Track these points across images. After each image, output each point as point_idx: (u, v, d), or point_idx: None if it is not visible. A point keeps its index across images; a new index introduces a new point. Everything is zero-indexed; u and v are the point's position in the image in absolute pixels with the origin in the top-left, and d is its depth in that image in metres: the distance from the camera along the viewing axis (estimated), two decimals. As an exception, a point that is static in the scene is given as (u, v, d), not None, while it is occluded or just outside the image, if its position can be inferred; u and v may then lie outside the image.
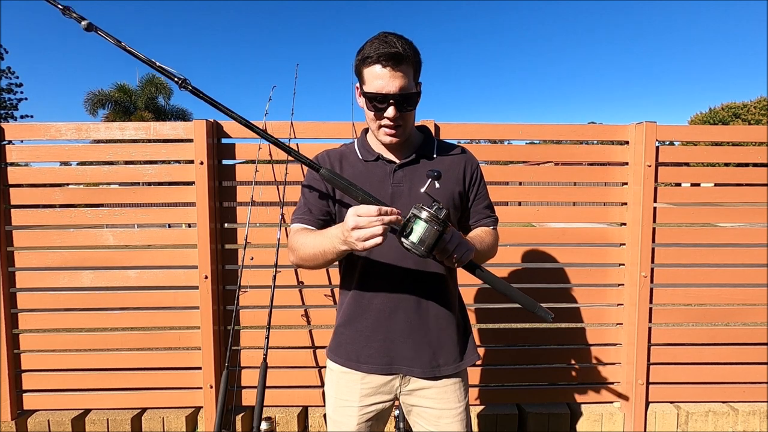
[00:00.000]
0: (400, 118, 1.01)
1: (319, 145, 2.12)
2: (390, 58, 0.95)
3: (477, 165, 1.19)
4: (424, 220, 0.86)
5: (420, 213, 0.87)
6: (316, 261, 1.00)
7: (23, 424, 2.14)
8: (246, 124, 0.97)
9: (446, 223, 0.88)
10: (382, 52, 0.95)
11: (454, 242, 0.93)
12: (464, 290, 1.38)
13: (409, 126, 1.07)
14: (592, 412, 2.21)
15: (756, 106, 34.76)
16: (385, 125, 1.02)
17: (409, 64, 0.98)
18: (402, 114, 1.01)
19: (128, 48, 0.87)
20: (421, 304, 1.08)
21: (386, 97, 0.97)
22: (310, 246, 0.99)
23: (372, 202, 0.92)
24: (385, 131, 1.03)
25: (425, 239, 0.87)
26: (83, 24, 0.84)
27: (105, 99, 22.21)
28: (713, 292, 2.21)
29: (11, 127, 2.09)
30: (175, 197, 2.13)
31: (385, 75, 0.96)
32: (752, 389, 2.25)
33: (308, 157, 1.00)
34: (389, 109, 0.99)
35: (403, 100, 0.99)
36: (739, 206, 2.19)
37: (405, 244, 0.88)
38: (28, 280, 2.17)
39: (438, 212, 0.86)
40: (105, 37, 0.85)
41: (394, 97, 0.97)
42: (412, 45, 1.00)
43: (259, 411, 1.66)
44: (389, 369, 1.09)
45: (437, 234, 0.87)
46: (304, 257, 1.02)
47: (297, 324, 2.16)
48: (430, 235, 0.86)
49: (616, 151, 2.16)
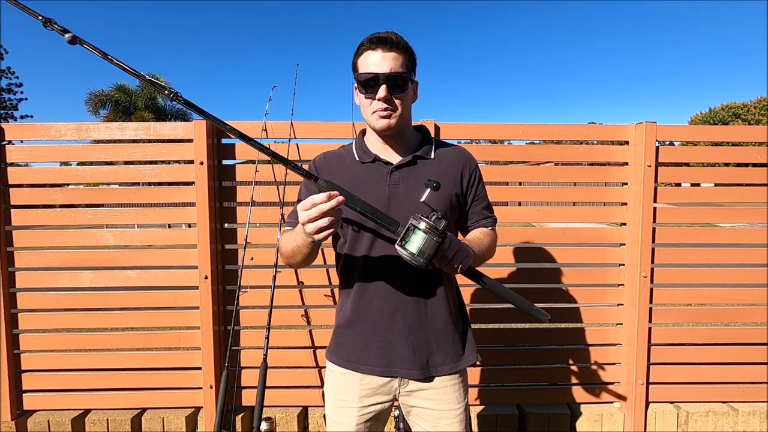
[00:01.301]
0: (392, 101, 1.02)
1: (319, 146, 2.12)
2: (381, 42, 1.00)
3: (476, 166, 1.18)
4: (423, 231, 0.86)
5: (419, 224, 0.87)
6: (296, 257, 1.02)
7: (23, 424, 2.14)
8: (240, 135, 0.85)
9: (445, 234, 0.87)
10: (373, 37, 1.01)
11: (452, 249, 0.93)
12: (464, 290, 1.38)
13: (403, 113, 1.05)
14: (592, 413, 2.21)
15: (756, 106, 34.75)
16: (377, 109, 1.03)
17: (400, 51, 1.02)
18: (394, 96, 1.02)
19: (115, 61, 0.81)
20: (419, 306, 1.08)
21: (377, 77, 1.00)
22: (289, 243, 1.02)
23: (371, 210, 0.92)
24: (378, 114, 1.03)
25: (424, 250, 0.86)
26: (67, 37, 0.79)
27: (105, 99, 22.20)
28: (713, 292, 2.21)
29: (11, 127, 2.09)
30: (175, 197, 2.13)
31: (377, 57, 1.00)
32: (752, 389, 2.25)
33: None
34: (380, 89, 1.00)
35: (394, 80, 1.00)
36: (739, 206, 2.19)
37: (404, 255, 0.88)
38: (28, 280, 2.17)
39: (437, 223, 0.86)
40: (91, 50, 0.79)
41: (384, 75, 0.99)
42: (406, 42, 1.04)
43: (259, 411, 1.66)
44: (388, 371, 1.09)
45: (436, 245, 0.87)
46: (286, 254, 1.05)
47: (297, 324, 2.16)
48: (430, 246, 0.86)
49: (616, 151, 2.16)
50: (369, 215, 0.92)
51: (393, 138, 1.10)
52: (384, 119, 1.03)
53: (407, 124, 1.11)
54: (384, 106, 1.02)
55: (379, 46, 1.00)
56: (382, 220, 0.92)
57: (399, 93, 1.02)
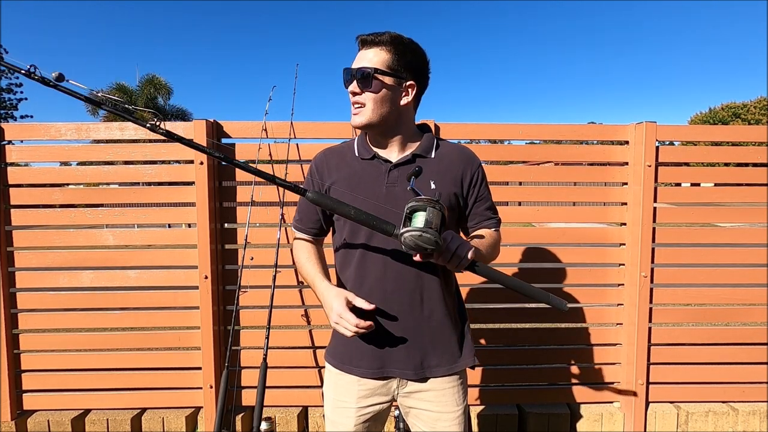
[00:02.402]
0: (362, 97, 1.03)
1: (319, 146, 2.12)
2: (363, 41, 1.04)
3: (478, 166, 1.16)
4: (422, 208, 0.84)
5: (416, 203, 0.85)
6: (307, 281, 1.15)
7: (23, 424, 2.14)
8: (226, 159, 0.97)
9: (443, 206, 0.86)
10: (361, 35, 1.04)
11: (455, 243, 0.92)
12: (463, 290, 1.37)
13: (374, 108, 1.03)
14: (592, 412, 2.21)
15: (756, 106, 34.74)
16: (352, 102, 1.06)
17: (383, 49, 1.02)
18: (363, 92, 1.03)
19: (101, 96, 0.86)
20: (415, 306, 1.07)
21: (348, 72, 1.04)
22: (305, 274, 1.15)
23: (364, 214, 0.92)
24: (352, 111, 1.07)
25: (431, 220, 0.82)
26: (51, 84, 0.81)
27: (105, 99, 22.17)
28: (713, 292, 2.21)
29: (11, 127, 2.09)
30: (175, 197, 2.12)
31: (358, 56, 1.05)
32: (752, 389, 2.25)
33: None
34: (351, 84, 1.04)
35: (359, 77, 1.02)
36: (739, 206, 2.19)
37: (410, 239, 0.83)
38: (28, 280, 2.17)
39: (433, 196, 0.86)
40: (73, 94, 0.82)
41: (353, 71, 1.03)
42: (399, 37, 1.04)
43: (259, 411, 1.66)
44: (381, 372, 1.08)
45: (440, 214, 0.84)
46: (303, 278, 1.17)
47: (297, 324, 2.16)
48: (434, 216, 0.83)
49: (616, 151, 2.16)
50: (363, 222, 0.92)
51: (383, 135, 1.10)
52: (354, 116, 1.07)
53: (391, 122, 1.07)
54: (355, 102, 1.05)
55: (361, 45, 1.04)
56: (376, 225, 0.91)
57: (365, 89, 1.03)
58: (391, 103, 1.05)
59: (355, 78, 1.03)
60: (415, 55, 1.06)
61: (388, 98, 1.04)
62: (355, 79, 1.03)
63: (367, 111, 1.04)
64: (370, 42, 1.03)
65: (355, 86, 1.03)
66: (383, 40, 1.02)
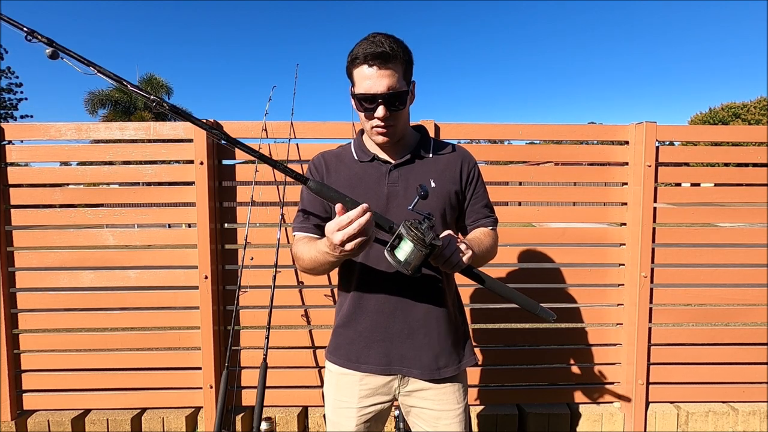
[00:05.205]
0: (391, 118, 1.00)
1: (319, 145, 2.12)
2: (377, 57, 0.95)
3: (474, 163, 1.17)
4: (411, 241, 0.85)
5: (408, 233, 0.85)
6: (317, 270, 1.03)
7: (23, 424, 2.14)
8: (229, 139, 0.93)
9: (434, 247, 0.86)
10: (368, 51, 0.95)
11: (450, 249, 0.92)
12: (463, 290, 1.38)
13: (401, 125, 1.05)
14: (592, 413, 2.21)
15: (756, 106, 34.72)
16: (376, 126, 1.02)
17: (397, 62, 0.97)
18: (392, 113, 1.00)
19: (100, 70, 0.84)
20: (418, 305, 1.08)
21: (375, 97, 0.97)
22: (307, 258, 1.01)
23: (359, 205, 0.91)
24: (376, 131, 1.03)
25: (411, 260, 0.86)
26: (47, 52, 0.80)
27: (105, 99, 22.17)
28: (713, 292, 2.21)
29: (11, 127, 2.09)
30: (175, 197, 2.12)
31: (373, 75, 0.96)
32: (752, 389, 2.25)
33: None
34: (378, 108, 0.98)
35: (392, 99, 0.98)
36: (739, 206, 2.19)
37: (391, 262, 0.87)
38: (28, 280, 2.17)
39: (426, 234, 0.85)
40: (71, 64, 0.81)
41: (382, 96, 0.96)
42: (402, 44, 1.00)
43: (259, 411, 1.66)
44: (388, 369, 1.09)
45: (423, 257, 0.86)
46: (306, 267, 1.04)
47: (297, 324, 2.16)
48: (416, 257, 0.86)
49: (616, 151, 2.16)
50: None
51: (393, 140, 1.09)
52: (381, 135, 1.04)
53: (405, 128, 1.10)
54: (382, 124, 1.01)
55: (375, 62, 0.95)
56: (377, 221, 0.91)
57: (397, 111, 1.00)
58: (408, 110, 1.06)
59: (385, 104, 0.97)
60: (409, 53, 1.03)
61: (408, 109, 1.06)
62: (382, 105, 0.97)
63: (398, 130, 1.04)
64: (390, 57, 0.95)
65: (384, 111, 0.98)
66: (396, 52, 0.96)
